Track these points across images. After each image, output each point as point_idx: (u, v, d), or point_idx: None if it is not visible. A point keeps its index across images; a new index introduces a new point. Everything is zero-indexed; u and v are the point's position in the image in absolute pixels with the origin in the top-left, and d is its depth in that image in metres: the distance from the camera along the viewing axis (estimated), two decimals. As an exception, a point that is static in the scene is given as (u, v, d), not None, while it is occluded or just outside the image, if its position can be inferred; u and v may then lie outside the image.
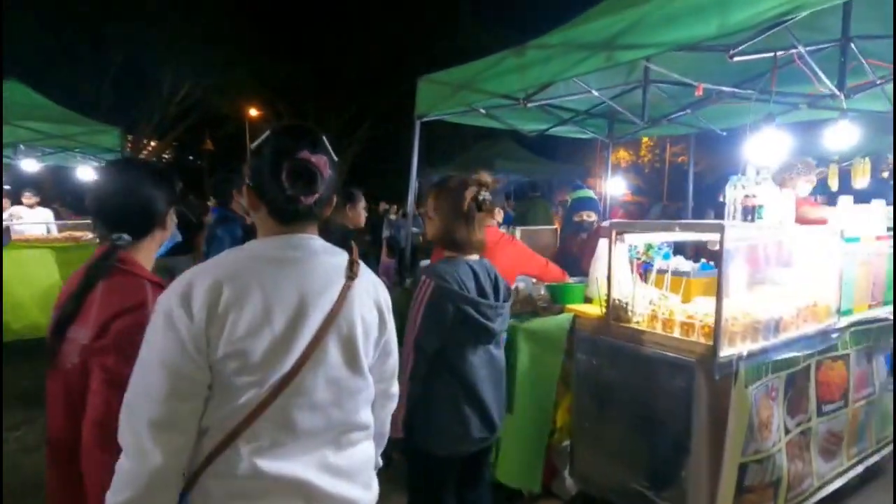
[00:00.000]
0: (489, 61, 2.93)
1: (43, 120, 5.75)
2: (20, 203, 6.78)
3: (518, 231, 4.16)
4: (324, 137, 1.06)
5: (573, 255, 3.40)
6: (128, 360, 0.96)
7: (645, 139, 20.16)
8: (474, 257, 1.82)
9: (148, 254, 1.29)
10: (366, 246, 9.05)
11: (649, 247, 3.44)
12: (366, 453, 1.12)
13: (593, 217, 3.56)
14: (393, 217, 9.77)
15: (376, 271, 1.57)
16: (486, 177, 1.82)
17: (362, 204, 3.16)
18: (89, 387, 1.09)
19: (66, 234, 6.41)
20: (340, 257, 1.10)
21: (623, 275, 2.42)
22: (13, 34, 10.61)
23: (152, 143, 16.72)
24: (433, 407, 1.72)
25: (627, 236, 2.45)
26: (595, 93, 3.11)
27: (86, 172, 8.25)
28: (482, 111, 3.90)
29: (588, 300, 2.78)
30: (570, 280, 3.03)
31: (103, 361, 1.08)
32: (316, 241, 1.08)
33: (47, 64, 11.58)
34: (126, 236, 1.20)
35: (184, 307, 0.93)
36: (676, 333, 2.11)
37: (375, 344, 1.13)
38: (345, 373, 1.04)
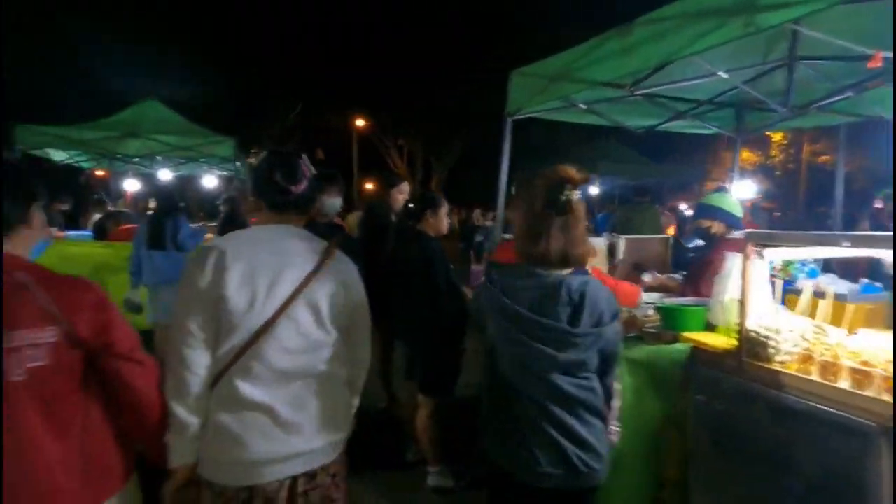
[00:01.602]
0: (589, 46, 2.54)
1: (172, 133, 6.41)
2: (148, 209, 7.67)
3: (623, 240, 3.66)
4: (303, 156, 1.47)
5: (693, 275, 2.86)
6: (129, 342, 1.23)
7: (777, 136, 17.71)
8: (556, 271, 1.48)
9: (16, 252, 1.19)
10: (458, 253, 8.91)
11: (789, 262, 2.80)
12: (333, 396, 1.42)
13: (707, 224, 2.95)
14: (477, 223, 9.53)
15: (467, 278, 1.49)
16: (570, 171, 1.50)
17: (445, 210, 2.92)
18: (109, 373, 1.20)
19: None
20: (317, 244, 1.42)
21: (762, 300, 1.90)
22: (162, 63, 12.33)
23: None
24: (492, 418, 1.59)
25: (767, 250, 1.93)
26: (724, 75, 2.56)
27: (209, 181, 9.15)
28: (582, 106, 3.49)
29: (710, 328, 2.27)
30: (685, 300, 2.53)
31: (118, 350, 1.21)
32: (296, 230, 1.42)
33: (191, 88, 13.24)
34: None
35: (199, 263, 1.31)
36: (844, 384, 1.57)
37: (344, 313, 1.42)
38: (313, 329, 1.36)
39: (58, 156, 7.28)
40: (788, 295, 2.36)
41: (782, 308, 1.99)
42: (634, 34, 2.25)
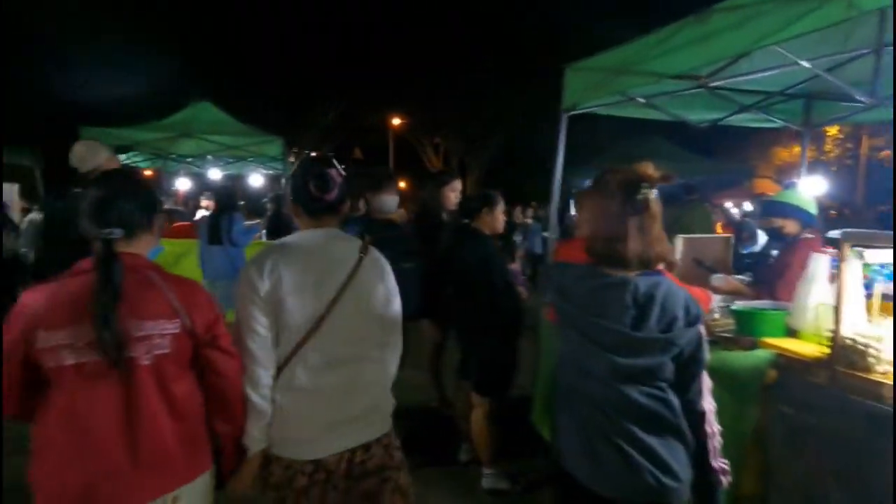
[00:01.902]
0: (660, 35, 2.43)
1: (223, 133, 6.60)
2: (199, 207, 7.91)
3: (680, 239, 3.51)
4: (334, 160, 1.60)
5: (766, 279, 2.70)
6: (229, 337, 1.40)
7: (832, 130, 16.78)
8: (628, 272, 1.40)
9: (139, 254, 1.32)
10: (498, 251, 8.81)
11: (866, 265, 2.62)
12: (377, 377, 1.60)
13: (779, 223, 2.77)
14: (517, 221, 9.37)
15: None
16: (647, 169, 1.43)
17: (501, 208, 2.86)
18: (207, 363, 1.34)
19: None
20: (354, 242, 1.58)
21: (857, 304, 1.76)
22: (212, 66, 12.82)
23: (313, 154, 18.86)
24: (557, 420, 1.56)
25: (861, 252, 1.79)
26: (807, 64, 2.39)
27: (256, 179, 9.38)
28: (641, 100, 3.36)
29: (791, 333, 2.13)
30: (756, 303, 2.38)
31: (220, 343, 1.36)
32: (334, 231, 1.58)
33: (237, 90, 13.70)
34: (117, 230, 1.25)
35: (258, 272, 1.45)
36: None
37: (380, 302, 1.58)
38: (358, 318, 1.52)
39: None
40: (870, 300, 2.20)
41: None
42: (712, 22, 2.13)
